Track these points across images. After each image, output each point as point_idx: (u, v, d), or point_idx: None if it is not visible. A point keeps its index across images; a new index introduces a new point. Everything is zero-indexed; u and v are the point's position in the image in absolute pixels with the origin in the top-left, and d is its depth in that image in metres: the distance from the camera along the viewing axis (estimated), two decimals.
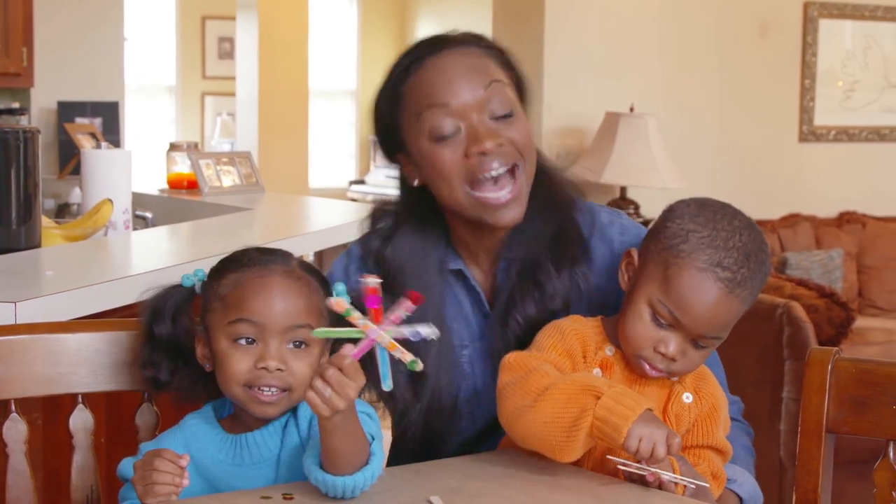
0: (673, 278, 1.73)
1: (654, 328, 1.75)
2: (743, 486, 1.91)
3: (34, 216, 3.12)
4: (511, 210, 1.86)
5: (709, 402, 1.82)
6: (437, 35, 1.91)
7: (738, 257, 1.73)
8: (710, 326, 1.74)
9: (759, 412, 4.14)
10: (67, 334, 1.89)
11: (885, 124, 6.74)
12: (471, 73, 1.85)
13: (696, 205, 1.80)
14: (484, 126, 1.83)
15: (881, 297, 6.08)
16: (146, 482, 1.60)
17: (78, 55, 5.90)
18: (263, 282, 1.71)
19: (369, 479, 1.60)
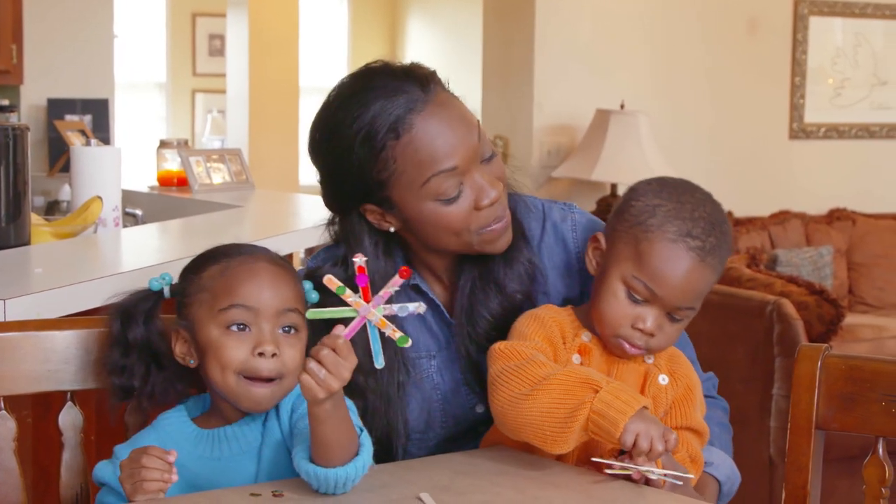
0: (645, 252, 1.76)
1: (630, 305, 1.78)
2: (720, 468, 1.92)
3: (23, 213, 3.11)
4: (507, 235, 1.90)
5: (683, 383, 1.85)
6: (394, 75, 1.85)
7: (705, 226, 1.77)
8: (685, 296, 1.77)
9: (749, 409, 4.15)
10: (57, 332, 1.88)
11: (875, 122, 6.75)
12: (461, 125, 1.83)
13: (657, 182, 1.85)
14: (485, 177, 1.84)
15: (871, 293, 6.09)
16: (134, 479, 1.59)
17: (68, 52, 5.89)
18: (253, 268, 1.73)
19: (361, 469, 1.60)
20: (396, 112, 1.80)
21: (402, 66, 1.88)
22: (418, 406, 1.96)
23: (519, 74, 5.93)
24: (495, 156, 1.88)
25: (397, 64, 1.89)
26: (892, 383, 1.83)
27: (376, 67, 1.88)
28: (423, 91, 1.82)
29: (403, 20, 11.82)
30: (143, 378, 1.77)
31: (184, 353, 1.75)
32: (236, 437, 1.74)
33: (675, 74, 6.19)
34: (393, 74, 1.85)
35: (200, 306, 1.71)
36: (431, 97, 1.82)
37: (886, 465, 1.84)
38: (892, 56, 6.77)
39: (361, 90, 1.83)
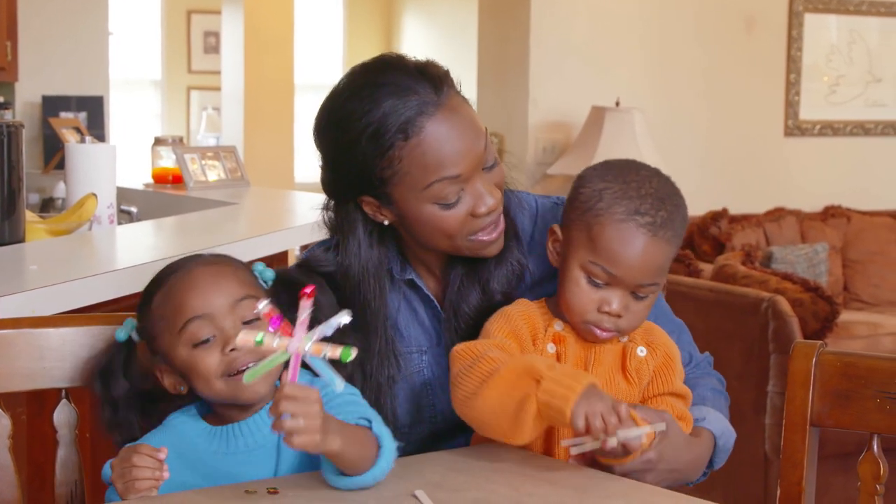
0: (598, 237, 1.78)
1: (593, 290, 1.80)
2: (713, 423, 1.93)
3: (18, 211, 3.11)
4: (498, 243, 1.91)
5: (662, 352, 1.87)
6: (408, 72, 1.85)
7: (653, 202, 1.78)
8: (644, 273, 1.79)
9: (745, 406, 4.15)
10: (51, 329, 1.88)
11: (870, 119, 6.76)
12: (469, 132, 1.82)
13: (602, 166, 1.87)
14: (485, 185, 1.85)
15: (866, 291, 6.09)
16: (125, 479, 1.60)
17: (63, 49, 5.89)
18: (188, 277, 1.72)
19: (389, 462, 1.62)
20: (407, 113, 1.79)
21: (416, 62, 1.87)
22: (407, 400, 1.96)
23: (514, 71, 5.93)
24: (497, 164, 1.88)
25: (412, 60, 1.88)
26: (886, 380, 1.83)
27: (391, 61, 1.88)
28: (436, 93, 1.81)
29: (399, 17, 11.81)
30: (140, 424, 1.77)
31: (173, 383, 1.74)
32: (251, 432, 1.73)
33: (670, 71, 6.19)
34: (407, 71, 1.84)
35: (163, 335, 1.71)
36: (444, 101, 1.81)
37: (881, 462, 1.84)
38: (886, 53, 6.78)
39: (374, 85, 1.83)
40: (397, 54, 1.90)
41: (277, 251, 3.57)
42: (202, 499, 1.59)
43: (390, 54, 1.90)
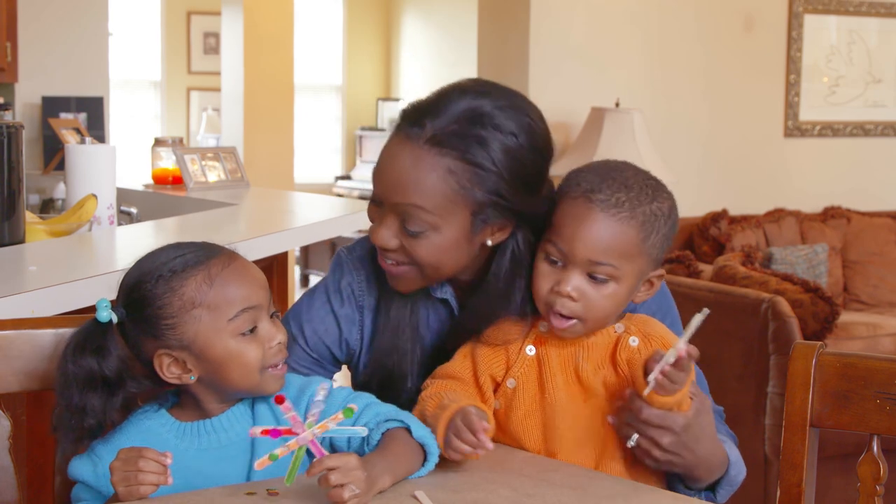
0: (556, 215, 1.81)
1: (551, 270, 1.81)
2: (730, 450, 1.91)
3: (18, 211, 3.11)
4: (395, 282, 1.92)
5: (658, 342, 1.84)
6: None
7: (615, 185, 1.79)
8: (593, 249, 1.77)
9: (744, 407, 4.15)
10: (51, 330, 1.88)
11: (870, 119, 6.76)
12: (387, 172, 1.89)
13: (588, 164, 1.89)
14: (378, 225, 1.91)
15: (865, 291, 6.09)
16: (129, 483, 1.59)
17: (62, 50, 5.89)
18: (235, 268, 1.73)
19: (434, 462, 1.70)
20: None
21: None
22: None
23: (514, 72, 5.93)
24: (418, 232, 1.85)
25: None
26: (886, 381, 1.83)
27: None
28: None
29: (398, 17, 11.82)
30: (102, 412, 1.71)
31: (179, 372, 1.71)
32: (224, 428, 1.73)
33: (670, 72, 6.19)
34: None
35: (199, 322, 1.68)
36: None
37: (881, 463, 1.84)
38: (886, 54, 6.78)
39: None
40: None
41: (277, 252, 3.57)
42: (200, 500, 1.59)
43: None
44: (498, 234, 1.86)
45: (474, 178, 1.79)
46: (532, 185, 1.84)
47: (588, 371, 1.83)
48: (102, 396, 1.69)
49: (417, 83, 11.51)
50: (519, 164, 1.81)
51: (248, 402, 1.75)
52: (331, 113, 11.92)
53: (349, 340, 2.01)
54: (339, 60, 11.89)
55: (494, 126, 1.80)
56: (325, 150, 11.87)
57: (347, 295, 2.01)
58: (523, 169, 1.82)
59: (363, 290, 2.00)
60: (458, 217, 1.81)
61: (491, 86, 1.88)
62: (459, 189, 1.79)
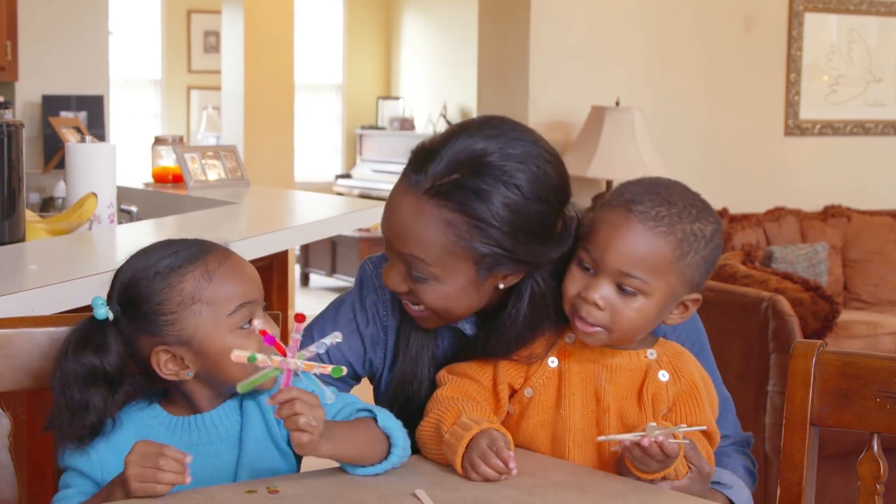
0: (593, 223, 1.78)
1: (581, 275, 1.77)
2: (738, 494, 1.90)
3: (18, 210, 3.11)
4: (422, 321, 1.91)
5: (687, 381, 1.81)
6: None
7: (657, 200, 1.75)
8: (624, 259, 1.74)
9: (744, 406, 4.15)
10: (52, 328, 1.88)
11: (870, 118, 6.76)
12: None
13: (641, 178, 1.85)
14: (392, 271, 1.89)
15: (866, 290, 6.09)
16: (146, 479, 1.57)
17: (63, 49, 5.89)
18: (231, 263, 1.74)
19: (402, 455, 1.70)
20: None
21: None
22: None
23: (514, 71, 5.92)
24: (423, 278, 1.83)
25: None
26: (886, 379, 1.83)
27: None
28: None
29: (399, 16, 11.81)
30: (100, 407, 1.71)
31: (177, 368, 1.71)
32: (214, 424, 1.74)
33: (670, 71, 6.19)
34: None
35: (199, 317, 1.69)
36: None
37: (881, 461, 1.84)
38: (886, 53, 6.78)
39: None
40: None
41: (277, 250, 3.57)
42: (201, 498, 1.59)
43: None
44: (510, 278, 1.82)
45: (474, 231, 1.73)
46: (538, 235, 1.77)
47: (609, 395, 1.80)
48: (104, 393, 1.69)
49: (418, 82, 11.51)
50: (522, 217, 1.74)
51: (238, 399, 1.75)
52: (331, 112, 11.92)
53: (373, 360, 1.99)
54: (339, 59, 11.89)
55: (496, 177, 1.73)
56: (326, 149, 11.87)
57: (372, 314, 1.98)
58: (527, 221, 1.75)
59: (387, 311, 1.98)
60: (460, 267, 1.77)
61: (502, 127, 1.79)
62: (459, 241, 1.74)
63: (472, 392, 1.83)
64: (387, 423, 1.71)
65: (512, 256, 1.76)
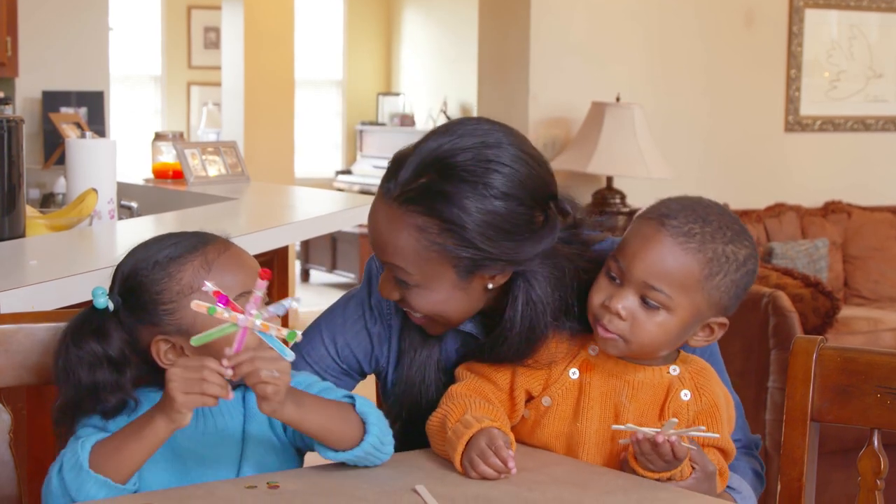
0: (626, 234, 1.77)
1: (607, 285, 1.76)
2: (746, 500, 1.90)
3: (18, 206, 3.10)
4: (426, 328, 1.89)
5: (709, 400, 1.80)
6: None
7: (692, 217, 1.73)
8: (650, 271, 1.72)
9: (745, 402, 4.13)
10: (52, 324, 1.88)
11: (871, 114, 6.75)
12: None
13: (682, 196, 1.82)
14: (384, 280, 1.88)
15: (866, 286, 6.09)
16: (191, 390, 1.56)
17: (63, 45, 5.88)
18: (231, 253, 1.75)
19: (378, 440, 1.68)
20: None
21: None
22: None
23: (514, 67, 5.92)
24: (409, 285, 1.80)
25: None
26: (887, 375, 1.83)
27: None
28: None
29: (399, 12, 11.81)
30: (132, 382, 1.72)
31: (176, 358, 1.71)
32: (220, 412, 1.74)
33: (670, 67, 6.19)
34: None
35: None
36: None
37: (881, 457, 1.84)
38: (887, 49, 6.77)
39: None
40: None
41: (278, 246, 3.57)
42: (201, 493, 1.59)
43: None
44: (497, 277, 1.80)
45: (445, 235, 1.71)
46: (513, 232, 1.74)
47: (629, 412, 1.79)
48: (111, 374, 1.69)
49: (418, 78, 11.51)
50: (493, 216, 1.71)
51: (241, 391, 1.75)
52: (331, 108, 11.92)
53: (379, 358, 1.99)
54: (339, 55, 11.88)
55: (462, 178, 1.71)
56: (326, 145, 11.87)
57: (379, 313, 1.98)
58: (498, 220, 1.72)
59: (391, 311, 1.97)
60: (440, 272, 1.75)
61: (470, 128, 1.77)
62: (432, 245, 1.72)
63: (487, 392, 1.82)
64: (364, 408, 1.70)
65: (489, 256, 1.74)
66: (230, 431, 1.74)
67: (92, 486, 1.59)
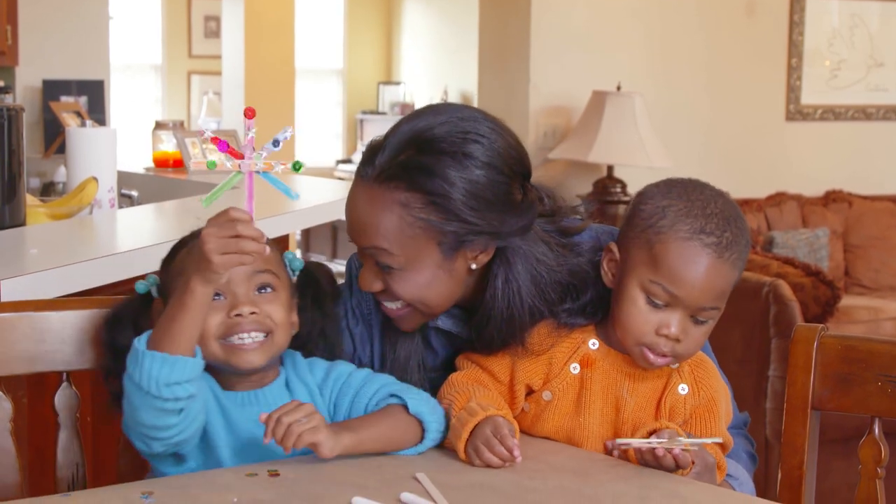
0: (660, 255, 1.71)
1: (652, 311, 1.73)
2: (743, 486, 1.90)
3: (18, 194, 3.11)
4: (404, 323, 1.87)
5: (706, 394, 1.80)
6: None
7: (718, 222, 1.72)
8: (706, 295, 1.71)
9: (745, 391, 4.15)
10: (52, 312, 1.88)
11: (872, 103, 6.75)
12: (357, 220, 1.83)
13: (664, 184, 1.80)
14: (366, 271, 1.86)
15: (867, 275, 6.09)
16: (228, 249, 1.55)
17: (63, 33, 5.88)
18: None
19: (436, 438, 1.73)
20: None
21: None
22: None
23: (515, 56, 5.91)
24: (392, 268, 1.78)
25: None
26: (888, 363, 1.83)
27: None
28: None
29: (399, 1, 11.79)
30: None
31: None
32: (266, 400, 1.74)
33: (671, 55, 6.18)
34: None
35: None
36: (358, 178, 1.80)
37: (882, 445, 1.84)
38: (888, 37, 6.76)
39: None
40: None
41: (278, 235, 3.57)
42: (203, 481, 1.60)
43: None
44: (481, 256, 1.79)
45: (428, 208, 1.72)
46: (496, 203, 1.74)
47: (630, 406, 1.79)
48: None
49: (418, 67, 11.49)
50: (476, 186, 1.72)
51: (281, 382, 1.76)
52: (332, 97, 11.91)
53: (362, 359, 1.97)
54: (339, 44, 11.87)
55: (442, 150, 1.72)
56: (326, 134, 11.86)
57: (359, 312, 1.96)
58: (482, 190, 1.73)
59: (370, 309, 1.96)
60: (424, 250, 1.75)
61: (443, 107, 1.80)
62: (416, 221, 1.73)
63: (487, 382, 1.82)
64: (418, 408, 1.71)
65: (474, 229, 1.74)
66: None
67: (153, 365, 1.57)
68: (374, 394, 1.75)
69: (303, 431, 1.58)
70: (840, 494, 3.89)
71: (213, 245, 1.54)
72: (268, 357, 1.72)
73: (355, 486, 1.57)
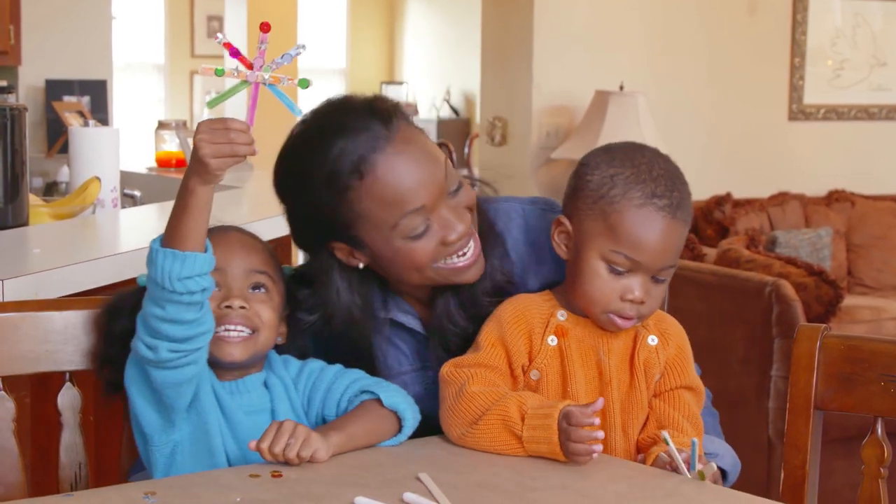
0: (618, 224, 1.75)
1: (615, 279, 1.77)
2: (724, 458, 1.91)
3: (21, 194, 3.11)
4: (476, 268, 1.87)
5: (675, 342, 1.85)
6: (355, 111, 1.82)
7: (667, 183, 1.76)
8: (665, 256, 1.76)
9: (748, 390, 4.15)
10: (55, 312, 1.88)
11: (874, 103, 6.74)
12: (426, 162, 1.80)
13: (604, 151, 1.83)
14: (452, 212, 1.82)
15: (869, 275, 6.09)
16: (222, 154, 1.62)
17: (65, 33, 5.88)
18: (222, 236, 1.78)
19: (413, 426, 1.76)
20: (358, 152, 1.77)
21: (364, 99, 1.84)
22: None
23: (518, 55, 5.91)
24: (463, 186, 1.84)
25: (360, 97, 1.85)
26: (890, 363, 1.83)
27: (337, 102, 1.86)
28: (386, 128, 1.78)
29: (402, 1, 11.79)
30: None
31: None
32: (247, 390, 1.78)
33: (674, 55, 6.17)
34: (354, 110, 1.82)
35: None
36: (394, 134, 1.78)
37: (885, 445, 1.84)
38: (891, 37, 6.76)
39: (322, 129, 1.82)
40: (344, 95, 1.88)
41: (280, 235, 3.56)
42: (205, 481, 1.60)
43: (336, 96, 1.88)
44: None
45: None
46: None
47: (611, 368, 1.81)
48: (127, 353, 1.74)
49: (421, 67, 11.50)
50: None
51: (260, 379, 1.80)
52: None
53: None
54: (342, 44, 11.87)
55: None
56: None
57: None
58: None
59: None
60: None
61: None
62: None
63: (497, 381, 1.81)
64: (391, 400, 1.75)
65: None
66: (262, 406, 1.79)
67: (165, 261, 1.63)
68: (347, 388, 1.80)
69: (297, 451, 1.62)
70: (843, 494, 3.89)
71: (207, 150, 1.61)
72: (249, 354, 1.75)
73: (358, 486, 1.57)
